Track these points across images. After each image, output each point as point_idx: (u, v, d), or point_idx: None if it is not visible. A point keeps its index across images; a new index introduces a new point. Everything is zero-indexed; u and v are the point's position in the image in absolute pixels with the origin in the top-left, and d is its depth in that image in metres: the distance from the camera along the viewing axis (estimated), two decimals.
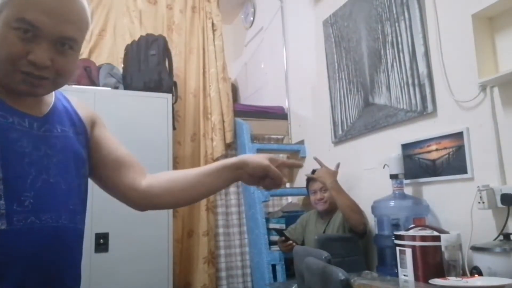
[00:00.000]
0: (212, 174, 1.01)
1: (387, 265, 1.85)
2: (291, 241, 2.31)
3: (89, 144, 0.99)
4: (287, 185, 3.26)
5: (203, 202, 2.90)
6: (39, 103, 0.90)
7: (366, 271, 1.83)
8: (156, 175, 1.03)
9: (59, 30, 0.80)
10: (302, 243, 2.40)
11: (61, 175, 0.87)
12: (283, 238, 2.34)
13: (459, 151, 1.77)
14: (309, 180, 2.46)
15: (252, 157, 1.01)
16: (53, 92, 0.94)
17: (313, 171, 2.40)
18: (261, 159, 0.99)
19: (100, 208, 2.28)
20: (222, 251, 2.93)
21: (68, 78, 0.87)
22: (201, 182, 1.01)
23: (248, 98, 4.00)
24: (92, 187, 1.00)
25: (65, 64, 0.84)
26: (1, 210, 0.76)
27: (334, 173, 2.31)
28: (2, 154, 0.78)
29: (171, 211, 2.62)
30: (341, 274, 1.09)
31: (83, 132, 0.97)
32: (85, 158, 0.96)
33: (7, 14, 0.79)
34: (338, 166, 2.34)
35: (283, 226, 2.63)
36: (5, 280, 0.76)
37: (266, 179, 0.99)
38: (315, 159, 2.42)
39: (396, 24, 2.13)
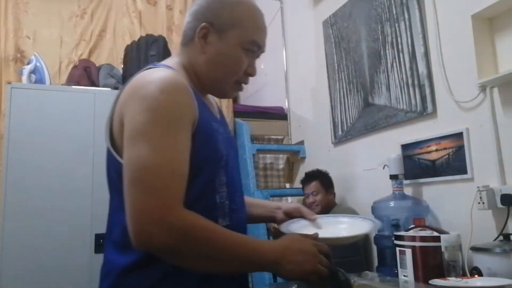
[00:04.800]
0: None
1: (387, 266, 1.85)
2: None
3: None
4: (287, 185, 3.27)
5: None
6: (213, 103, 1.06)
7: (366, 271, 1.82)
8: None
9: (264, 45, 1.02)
10: None
11: (238, 174, 1.04)
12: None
13: (459, 151, 1.77)
14: (304, 182, 2.46)
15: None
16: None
17: None
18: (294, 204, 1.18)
19: (100, 209, 2.26)
20: None
21: None
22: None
23: (248, 99, 4.00)
24: (92, 188, 1.00)
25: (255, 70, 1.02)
26: (226, 209, 0.92)
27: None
28: (227, 162, 0.93)
29: None
30: (341, 274, 1.09)
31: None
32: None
33: (238, 36, 0.95)
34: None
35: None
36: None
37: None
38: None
39: (396, 25, 2.13)
